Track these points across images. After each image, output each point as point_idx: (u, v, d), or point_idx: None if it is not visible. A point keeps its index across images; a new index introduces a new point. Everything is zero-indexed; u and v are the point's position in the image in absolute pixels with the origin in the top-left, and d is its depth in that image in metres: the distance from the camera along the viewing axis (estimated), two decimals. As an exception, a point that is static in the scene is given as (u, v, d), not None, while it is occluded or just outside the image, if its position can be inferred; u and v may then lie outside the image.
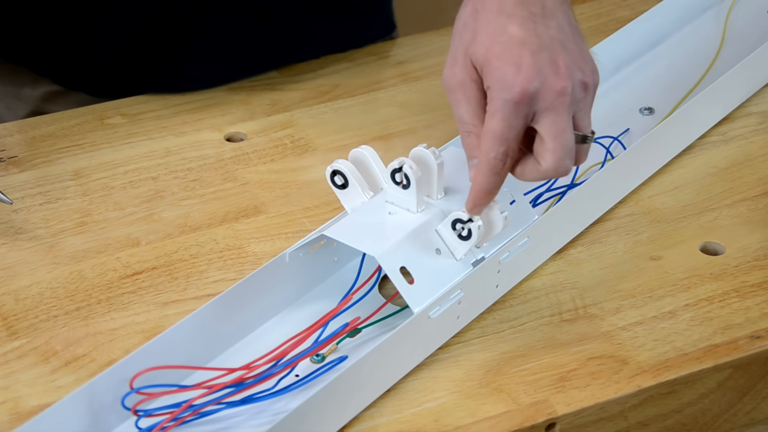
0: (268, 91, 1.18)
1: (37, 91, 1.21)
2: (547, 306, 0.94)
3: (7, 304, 0.92)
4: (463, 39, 0.87)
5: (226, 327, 0.88)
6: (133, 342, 0.89)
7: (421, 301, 0.86)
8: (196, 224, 1.01)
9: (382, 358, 0.83)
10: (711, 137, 1.13)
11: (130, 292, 0.94)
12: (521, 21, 0.85)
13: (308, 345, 0.86)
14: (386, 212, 0.90)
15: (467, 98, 0.86)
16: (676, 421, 0.91)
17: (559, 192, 1.02)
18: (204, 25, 1.16)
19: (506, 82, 0.84)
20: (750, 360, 0.91)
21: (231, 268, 0.96)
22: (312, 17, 1.20)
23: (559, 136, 0.84)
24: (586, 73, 0.86)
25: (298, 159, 1.09)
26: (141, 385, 0.81)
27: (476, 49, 0.85)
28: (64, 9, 1.15)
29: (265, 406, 0.83)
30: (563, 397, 0.86)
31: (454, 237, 0.88)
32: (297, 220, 1.01)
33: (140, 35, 1.15)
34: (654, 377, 0.88)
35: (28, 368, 0.87)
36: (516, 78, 0.83)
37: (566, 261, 0.98)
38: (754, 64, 1.15)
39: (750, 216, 1.03)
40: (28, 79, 1.20)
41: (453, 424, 0.84)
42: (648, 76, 1.18)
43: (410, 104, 1.17)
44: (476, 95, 0.86)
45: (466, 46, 0.86)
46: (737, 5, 1.28)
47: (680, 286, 0.96)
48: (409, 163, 0.88)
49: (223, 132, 1.12)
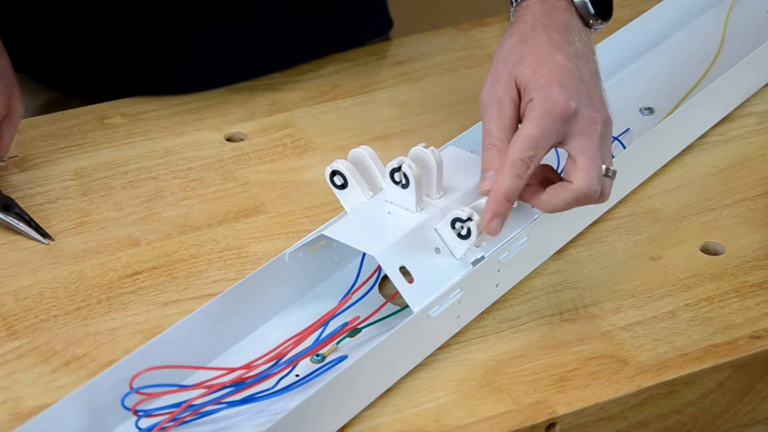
0: (268, 91, 1.18)
1: (36, 100, 1.21)
2: (547, 306, 0.94)
3: (7, 304, 0.92)
4: (508, 62, 0.90)
5: (226, 327, 0.88)
6: (133, 342, 0.89)
7: (420, 300, 0.86)
8: (196, 224, 1.01)
9: (381, 357, 0.83)
10: (711, 137, 1.13)
11: (130, 292, 0.94)
12: (567, 55, 0.90)
13: (308, 345, 0.86)
14: (386, 212, 0.90)
15: (501, 114, 0.89)
16: (676, 421, 0.91)
17: (559, 192, 1.02)
18: (204, 27, 1.16)
19: (551, 96, 0.88)
20: (750, 360, 0.91)
21: (231, 268, 0.96)
22: (311, 18, 1.20)
23: (591, 157, 0.88)
24: (609, 114, 0.91)
25: (298, 159, 1.09)
26: (141, 385, 0.81)
27: (522, 69, 0.89)
28: (69, 12, 1.15)
29: (265, 405, 0.83)
30: (563, 397, 0.86)
31: (454, 236, 0.88)
32: (297, 220, 1.01)
33: (146, 36, 1.15)
34: (654, 377, 0.88)
35: (28, 368, 0.87)
36: (560, 95, 0.88)
37: (566, 261, 0.98)
38: (754, 64, 1.15)
39: (750, 216, 1.03)
40: (27, 88, 1.20)
41: (453, 424, 0.84)
42: (648, 76, 1.18)
43: (409, 104, 1.17)
44: (510, 114, 0.89)
45: (510, 68, 0.90)
46: (737, 5, 1.28)
47: (680, 286, 0.96)
48: (409, 163, 0.88)
49: (223, 132, 1.12)
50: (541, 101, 0.88)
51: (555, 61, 0.89)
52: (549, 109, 0.87)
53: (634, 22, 1.19)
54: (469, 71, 1.21)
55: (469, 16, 1.47)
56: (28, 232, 0.97)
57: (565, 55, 0.90)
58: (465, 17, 1.40)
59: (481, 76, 1.20)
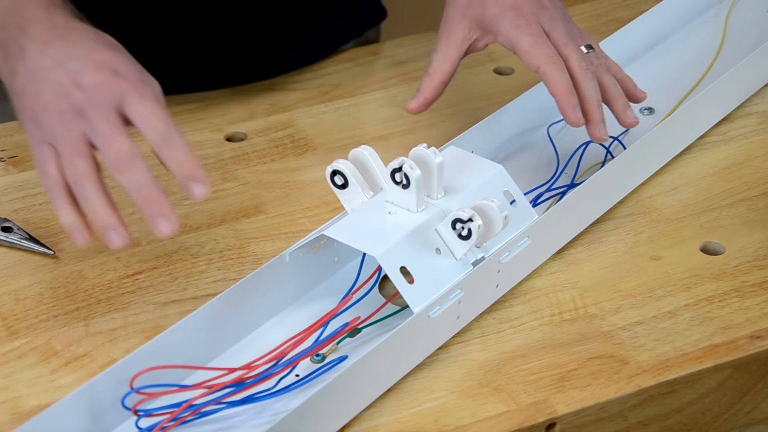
0: (268, 91, 1.18)
1: None
2: (547, 306, 0.94)
3: (7, 304, 0.92)
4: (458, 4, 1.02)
5: (226, 327, 0.88)
6: (133, 342, 0.89)
7: (421, 300, 0.86)
8: (196, 224, 1.01)
9: (382, 358, 0.83)
10: (711, 137, 1.13)
11: (130, 292, 0.94)
12: None
13: (308, 345, 0.86)
14: (386, 212, 0.90)
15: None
16: (676, 421, 0.91)
17: (559, 192, 1.02)
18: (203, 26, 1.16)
19: (515, 22, 1.00)
20: (750, 360, 0.91)
21: (231, 268, 0.96)
22: (311, 16, 1.20)
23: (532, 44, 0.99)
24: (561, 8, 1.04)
25: (298, 159, 1.09)
26: (141, 385, 0.81)
27: (475, 10, 1.01)
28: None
29: (265, 406, 0.84)
30: (563, 397, 0.86)
31: (454, 237, 0.88)
32: (297, 220, 1.01)
33: (145, 35, 1.15)
34: (654, 377, 0.88)
35: (28, 368, 0.87)
36: (520, 19, 1.00)
37: (566, 261, 0.98)
38: (754, 64, 1.15)
39: (750, 216, 1.03)
40: None
41: (453, 424, 0.84)
42: (648, 76, 1.18)
43: (410, 104, 1.17)
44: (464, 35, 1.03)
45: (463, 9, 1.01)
46: (737, 5, 1.28)
47: (680, 286, 0.96)
48: (409, 163, 0.88)
49: (223, 132, 1.12)
50: (509, 30, 0.99)
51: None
52: (519, 28, 0.99)
53: (634, 22, 1.19)
54: (469, 71, 1.21)
55: (469, 15, 1.47)
56: (33, 247, 0.97)
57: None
58: (465, 17, 1.40)
59: (481, 75, 1.21)
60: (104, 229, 0.84)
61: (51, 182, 0.85)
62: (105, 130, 0.84)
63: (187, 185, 0.85)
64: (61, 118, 0.85)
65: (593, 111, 0.98)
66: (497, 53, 1.23)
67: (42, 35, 0.89)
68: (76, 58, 0.87)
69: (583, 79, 0.99)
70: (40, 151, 0.86)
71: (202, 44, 1.18)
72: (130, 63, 0.88)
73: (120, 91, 0.85)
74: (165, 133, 0.85)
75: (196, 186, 0.85)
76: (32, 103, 0.87)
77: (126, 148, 0.84)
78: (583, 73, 0.99)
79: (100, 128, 0.84)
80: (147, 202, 0.84)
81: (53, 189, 0.85)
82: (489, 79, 1.20)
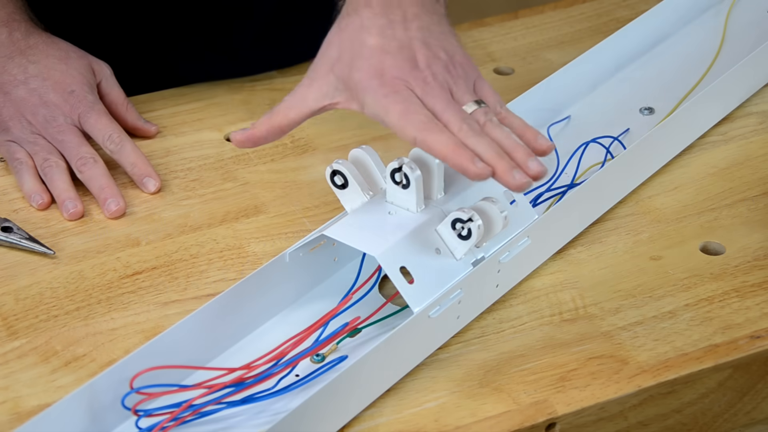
0: (268, 91, 1.18)
1: None
2: (547, 306, 0.94)
3: (7, 304, 0.92)
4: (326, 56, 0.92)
5: (226, 327, 0.88)
6: (133, 342, 0.89)
7: (421, 300, 0.86)
8: (196, 224, 1.01)
9: (382, 358, 0.83)
10: (711, 137, 1.13)
11: (130, 292, 0.94)
12: (380, 29, 0.90)
13: (308, 345, 0.86)
14: (386, 212, 0.90)
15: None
16: (676, 421, 0.91)
17: (559, 192, 1.02)
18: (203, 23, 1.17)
19: (379, 93, 0.88)
20: (750, 360, 0.91)
21: (231, 268, 0.96)
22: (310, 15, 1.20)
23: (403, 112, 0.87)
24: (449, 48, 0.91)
25: (298, 159, 1.09)
26: (141, 385, 0.81)
27: (341, 68, 0.90)
28: (69, 11, 1.15)
29: (265, 406, 0.84)
30: (563, 397, 0.86)
31: (454, 237, 0.88)
32: (297, 220, 1.01)
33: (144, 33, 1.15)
34: (654, 377, 0.88)
35: (28, 368, 0.87)
36: (383, 88, 0.88)
37: (566, 261, 0.98)
38: (754, 64, 1.15)
39: (750, 216, 1.03)
40: None
41: (453, 424, 0.84)
42: (648, 76, 1.18)
43: (410, 104, 1.16)
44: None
45: (331, 64, 0.91)
46: (737, 5, 1.28)
47: (680, 286, 0.96)
48: (409, 163, 0.88)
49: (223, 132, 1.12)
50: (375, 102, 0.88)
51: (367, 46, 0.89)
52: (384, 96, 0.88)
53: (633, 22, 1.19)
54: (469, 71, 1.21)
55: (469, 16, 1.47)
56: (33, 247, 0.97)
57: (378, 30, 0.89)
58: (465, 17, 1.40)
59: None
60: (61, 200, 1.00)
61: (21, 164, 1.02)
62: (71, 141, 1.03)
63: (141, 181, 1.03)
64: (30, 128, 1.03)
65: (495, 161, 0.84)
66: (497, 53, 1.23)
67: (2, 51, 1.05)
68: (36, 76, 1.04)
69: (470, 140, 0.85)
70: (8, 147, 1.03)
71: (201, 41, 1.18)
72: (81, 75, 1.06)
73: (77, 111, 1.04)
74: (118, 141, 1.03)
75: (149, 181, 1.03)
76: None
77: (88, 153, 1.02)
78: (466, 135, 0.86)
79: (66, 140, 1.02)
80: (101, 191, 1.01)
81: (22, 168, 1.02)
82: (489, 79, 1.20)
